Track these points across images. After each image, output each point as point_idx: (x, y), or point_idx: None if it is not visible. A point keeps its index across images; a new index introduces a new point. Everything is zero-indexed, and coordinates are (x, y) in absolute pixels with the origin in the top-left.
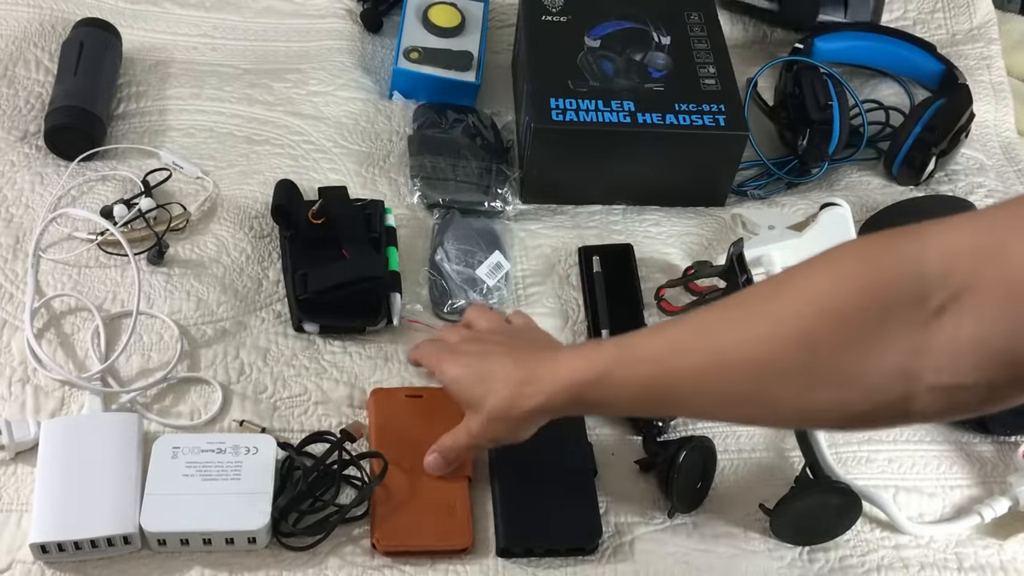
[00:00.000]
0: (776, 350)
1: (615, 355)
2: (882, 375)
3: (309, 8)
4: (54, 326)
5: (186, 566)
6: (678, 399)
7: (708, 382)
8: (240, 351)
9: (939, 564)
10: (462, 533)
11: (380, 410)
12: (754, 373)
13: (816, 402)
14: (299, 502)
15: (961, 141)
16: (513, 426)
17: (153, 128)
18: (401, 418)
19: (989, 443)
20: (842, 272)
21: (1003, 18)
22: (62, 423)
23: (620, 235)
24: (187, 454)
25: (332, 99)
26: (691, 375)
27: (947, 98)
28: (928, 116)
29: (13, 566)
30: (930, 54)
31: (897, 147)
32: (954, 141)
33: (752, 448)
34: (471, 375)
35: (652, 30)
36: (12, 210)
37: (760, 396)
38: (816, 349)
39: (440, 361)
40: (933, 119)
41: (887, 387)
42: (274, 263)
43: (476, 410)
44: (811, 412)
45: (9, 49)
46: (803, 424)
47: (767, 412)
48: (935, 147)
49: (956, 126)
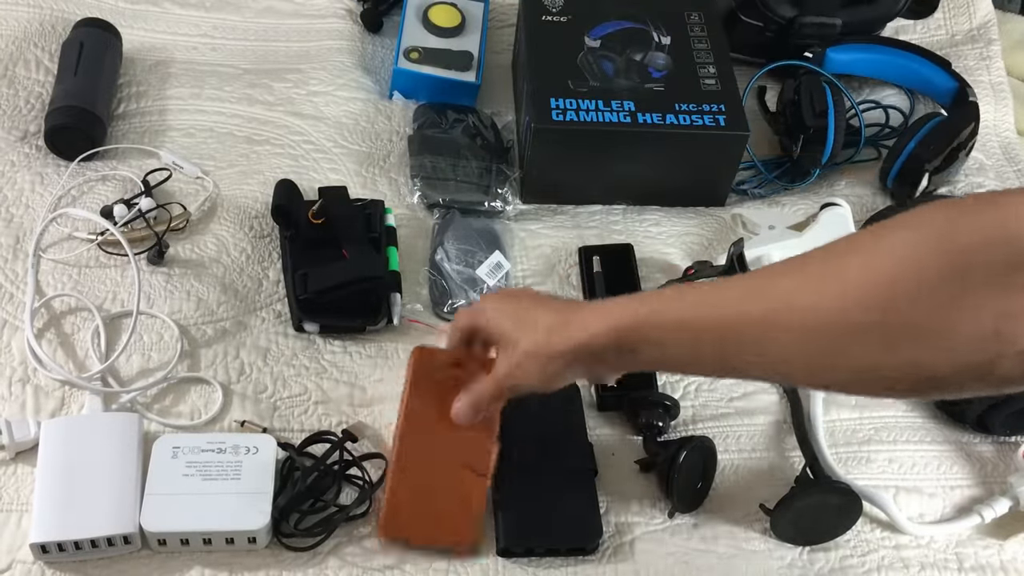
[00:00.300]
0: (851, 307)
1: (664, 297)
2: (971, 337)
3: (309, 8)
4: (54, 326)
5: (186, 566)
6: (739, 350)
7: (775, 333)
8: (240, 351)
9: (939, 564)
10: (471, 530)
11: (420, 371)
12: (825, 328)
13: (894, 363)
14: (299, 502)
15: (959, 159)
16: (546, 368)
17: (153, 128)
18: (437, 389)
19: (989, 443)
20: (919, 236)
21: (1003, 18)
22: (62, 423)
23: (620, 235)
24: (187, 454)
25: (332, 99)
26: (757, 322)
27: (947, 115)
28: (924, 133)
29: (13, 566)
30: (944, 70)
31: (891, 162)
32: (951, 159)
33: (752, 448)
34: (512, 312)
35: (652, 30)
36: (12, 210)
37: (831, 353)
38: (893, 309)
39: (482, 299)
40: (929, 136)
41: (976, 349)
42: (274, 263)
43: (511, 346)
44: (887, 373)
45: (9, 49)
46: (875, 388)
47: (840, 373)
48: (928, 164)
49: (952, 144)
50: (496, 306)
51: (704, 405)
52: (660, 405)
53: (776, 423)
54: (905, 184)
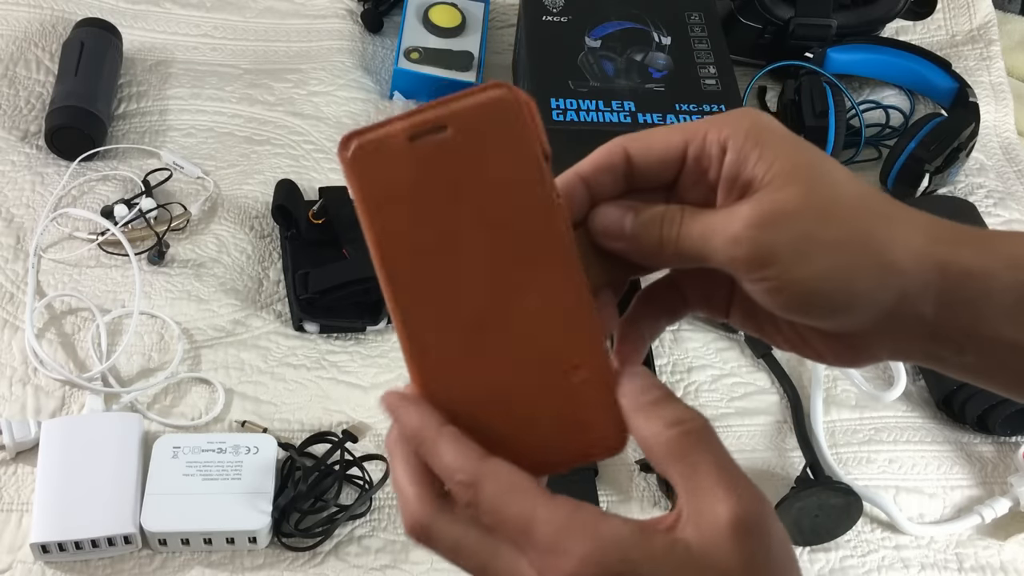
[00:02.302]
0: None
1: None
2: None
3: (310, 8)
4: (55, 326)
5: (187, 566)
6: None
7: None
8: (241, 351)
9: (939, 564)
10: (603, 427)
11: (371, 183)
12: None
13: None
14: (300, 502)
15: (960, 159)
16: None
17: (153, 128)
18: (421, 196)
19: (989, 443)
20: None
21: (1003, 18)
22: (63, 423)
23: None
24: (188, 454)
25: (333, 99)
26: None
27: (947, 116)
28: (924, 133)
29: (14, 566)
30: (944, 70)
31: (891, 162)
32: (951, 159)
33: (752, 448)
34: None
35: (652, 30)
36: (13, 210)
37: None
38: None
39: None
40: (929, 136)
41: None
42: (275, 263)
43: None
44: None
45: (10, 49)
46: None
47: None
48: (928, 164)
49: (952, 145)
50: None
51: (704, 405)
52: None
53: (776, 423)
54: (905, 184)
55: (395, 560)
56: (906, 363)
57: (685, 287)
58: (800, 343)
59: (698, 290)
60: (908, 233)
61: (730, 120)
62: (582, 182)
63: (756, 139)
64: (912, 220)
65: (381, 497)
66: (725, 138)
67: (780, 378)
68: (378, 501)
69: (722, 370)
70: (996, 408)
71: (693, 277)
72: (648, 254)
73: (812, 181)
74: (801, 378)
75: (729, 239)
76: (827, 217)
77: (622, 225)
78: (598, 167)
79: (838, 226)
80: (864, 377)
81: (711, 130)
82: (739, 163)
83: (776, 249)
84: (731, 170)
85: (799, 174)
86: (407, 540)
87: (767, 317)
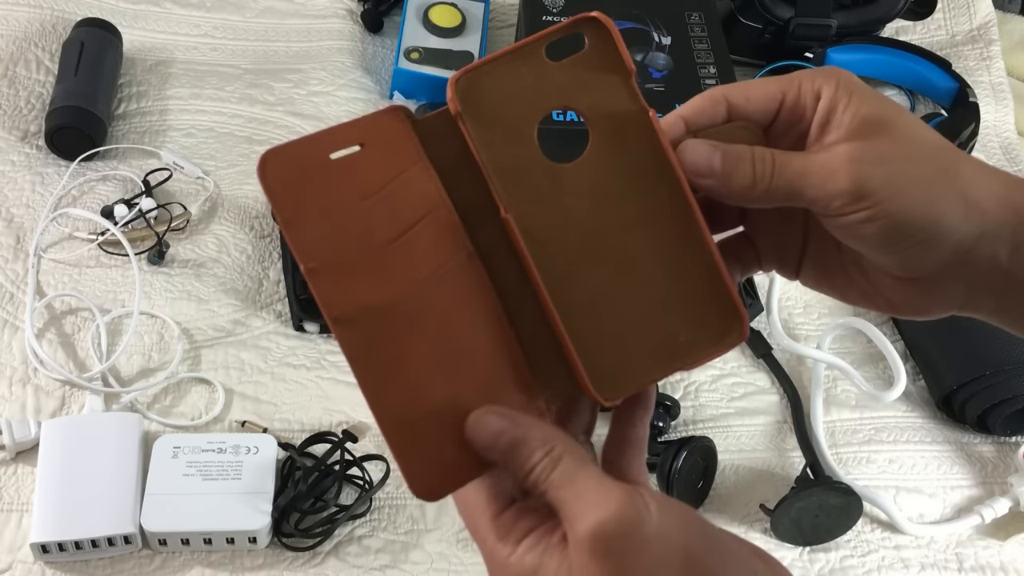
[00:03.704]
0: None
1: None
2: None
3: (310, 8)
4: (55, 326)
5: (187, 566)
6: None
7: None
8: (241, 351)
9: (939, 564)
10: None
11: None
12: None
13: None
14: (300, 502)
15: None
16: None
17: (153, 128)
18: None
19: (989, 443)
20: None
21: (1003, 18)
22: (63, 423)
23: None
24: (188, 454)
25: (333, 99)
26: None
27: (947, 116)
28: None
29: (14, 566)
30: (944, 70)
31: None
32: None
33: (752, 448)
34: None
35: (652, 30)
36: (13, 210)
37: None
38: None
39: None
40: None
41: None
42: (275, 263)
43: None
44: None
45: (10, 49)
46: None
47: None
48: None
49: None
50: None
51: (704, 405)
52: (660, 405)
53: (776, 423)
54: None
55: (395, 560)
56: (975, 316)
57: (759, 241)
58: (872, 293)
59: (771, 245)
60: (987, 178)
61: (822, 73)
62: (684, 123)
63: (847, 89)
64: (989, 168)
65: (381, 497)
66: (819, 87)
67: (780, 378)
68: (378, 501)
69: (722, 370)
70: (996, 408)
71: (767, 232)
72: (736, 192)
73: (898, 127)
74: (801, 378)
75: (828, 174)
76: (915, 158)
77: (712, 162)
78: (699, 111)
79: (926, 165)
80: (864, 377)
81: (804, 80)
82: (831, 109)
83: (872, 183)
84: (823, 116)
85: (887, 121)
86: (407, 540)
87: (839, 269)
